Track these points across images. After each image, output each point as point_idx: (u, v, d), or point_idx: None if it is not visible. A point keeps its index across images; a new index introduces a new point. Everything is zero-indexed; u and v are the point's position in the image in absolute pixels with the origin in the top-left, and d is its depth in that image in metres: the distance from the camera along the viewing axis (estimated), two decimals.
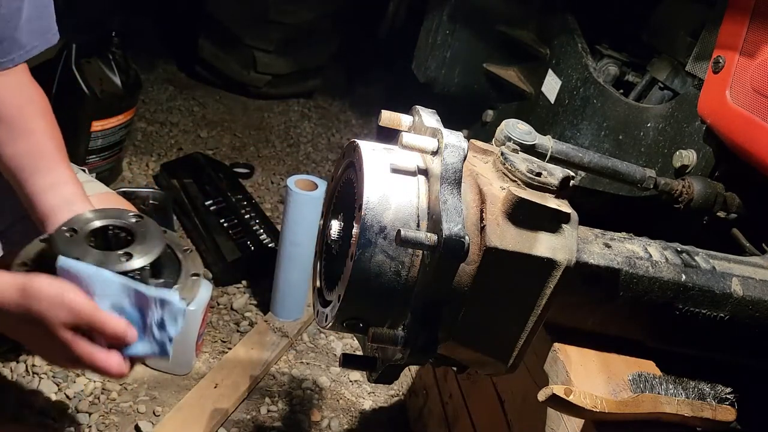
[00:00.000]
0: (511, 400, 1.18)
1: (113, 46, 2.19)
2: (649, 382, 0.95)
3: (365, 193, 0.78)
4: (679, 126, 1.39)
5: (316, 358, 1.87)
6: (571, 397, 0.86)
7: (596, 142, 1.70)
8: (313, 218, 1.76)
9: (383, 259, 0.78)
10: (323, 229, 0.97)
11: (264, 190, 2.64)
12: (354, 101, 3.51)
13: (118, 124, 2.26)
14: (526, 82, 2.19)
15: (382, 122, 0.87)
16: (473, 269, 0.80)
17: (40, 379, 1.59)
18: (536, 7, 2.17)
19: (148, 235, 1.07)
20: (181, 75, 3.38)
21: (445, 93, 2.32)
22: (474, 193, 0.83)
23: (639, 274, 0.94)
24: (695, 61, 1.40)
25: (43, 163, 1.18)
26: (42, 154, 1.19)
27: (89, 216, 1.09)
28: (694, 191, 1.19)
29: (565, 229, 0.84)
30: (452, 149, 0.79)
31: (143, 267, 1.02)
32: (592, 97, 1.76)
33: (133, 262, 1.01)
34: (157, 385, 1.65)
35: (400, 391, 1.81)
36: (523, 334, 0.86)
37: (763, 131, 1.10)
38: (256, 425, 1.63)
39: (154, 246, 1.05)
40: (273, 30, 3.10)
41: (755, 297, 0.98)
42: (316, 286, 0.94)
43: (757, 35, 1.14)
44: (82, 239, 1.03)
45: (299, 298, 1.92)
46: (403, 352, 0.80)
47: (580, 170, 1.14)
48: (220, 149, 2.83)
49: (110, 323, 0.93)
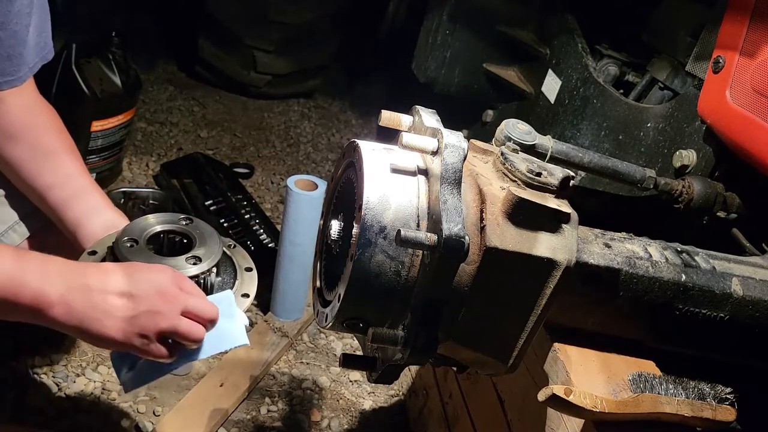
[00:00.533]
0: (511, 400, 1.18)
1: (113, 46, 2.19)
2: (649, 382, 0.95)
3: (365, 193, 0.78)
4: (679, 126, 1.39)
5: (316, 358, 1.87)
6: (571, 397, 0.86)
7: (596, 142, 1.70)
8: (313, 218, 1.76)
9: (383, 259, 0.78)
10: (323, 229, 0.97)
11: (264, 190, 2.64)
12: (354, 101, 3.51)
13: (118, 124, 2.26)
14: (526, 82, 2.19)
15: (382, 122, 0.87)
16: (473, 269, 0.80)
17: (40, 379, 1.59)
18: (536, 7, 2.17)
19: (206, 236, 1.09)
20: (181, 75, 3.38)
21: (445, 93, 2.32)
22: (474, 193, 0.83)
23: (639, 274, 0.94)
24: (695, 61, 1.40)
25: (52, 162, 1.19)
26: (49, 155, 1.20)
27: (144, 224, 1.10)
28: (694, 191, 1.19)
29: (565, 229, 0.84)
30: (452, 149, 0.79)
31: (209, 269, 1.05)
32: (592, 97, 1.76)
33: (202, 265, 1.04)
34: (157, 385, 1.65)
35: (400, 391, 1.81)
36: (523, 334, 0.86)
37: (763, 131, 1.10)
38: (256, 425, 1.63)
39: (213, 247, 1.08)
40: (273, 30, 3.10)
41: (755, 297, 0.98)
42: (316, 286, 0.94)
43: (757, 35, 1.14)
44: (143, 248, 1.04)
45: (299, 298, 1.92)
46: (403, 352, 0.80)
47: (580, 170, 1.14)
48: (220, 149, 2.83)
49: (207, 303, 0.99)
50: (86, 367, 1.65)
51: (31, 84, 1.25)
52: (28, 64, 1.21)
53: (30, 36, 1.18)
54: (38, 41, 1.22)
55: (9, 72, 1.17)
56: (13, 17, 1.12)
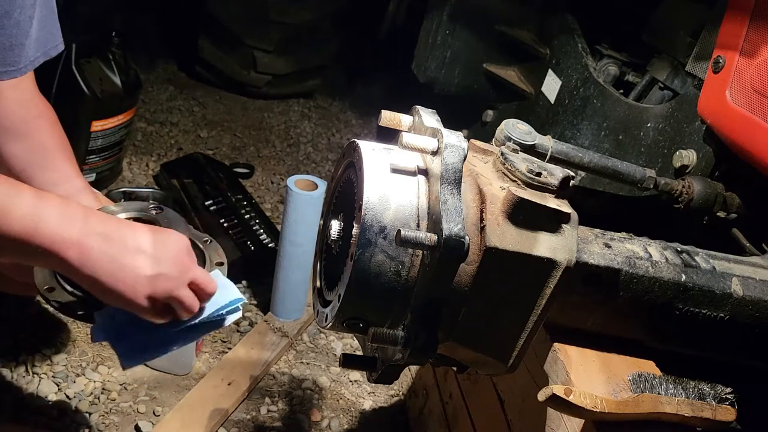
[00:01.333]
0: (511, 400, 1.18)
1: (113, 46, 2.19)
2: (649, 382, 0.95)
3: (365, 193, 0.78)
4: (679, 126, 1.39)
5: (316, 358, 1.87)
6: (571, 397, 0.86)
7: (596, 142, 1.70)
8: (313, 218, 1.76)
9: (383, 259, 0.78)
10: (323, 229, 0.97)
11: (264, 190, 2.64)
12: (354, 101, 3.51)
13: (118, 124, 2.26)
14: (526, 82, 2.19)
15: (382, 122, 0.87)
16: (473, 269, 0.80)
17: (40, 379, 1.59)
18: (536, 7, 2.17)
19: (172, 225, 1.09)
20: (181, 75, 3.38)
21: (445, 93, 2.32)
22: (474, 193, 0.83)
23: (639, 274, 0.94)
24: (695, 61, 1.40)
25: (48, 161, 1.18)
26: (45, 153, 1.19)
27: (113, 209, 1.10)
28: (694, 191, 1.19)
29: (565, 229, 0.84)
30: (452, 149, 0.79)
31: None
32: (592, 97, 1.76)
33: None
34: (157, 385, 1.65)
35: (400, 391, 1.81)
36: (523, 334, 0.86)
37: (763, 131, 1.10)
38: (256, 425, 1.63)
39: None
40: (273, 30, 3.10)
41: (755, 297, 0.98)
42: (316, 286, 0.94)
43: (757, 35, 1.14)
44: None
45: (299, 298, 1.92)
46: (403, 352, 0.80)
47: (580, 170, 1.14)
48: (220, 149, 2.83)
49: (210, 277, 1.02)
50: (86, 367, 1.65)
51: (31, 80, 1.24)
52: (30, 57, 1.20)
53: (33, 29, 1.18)
54: (40, 36, 1.22)
55: (10, 62, 1.17)
56: (17, 7, 1.12)
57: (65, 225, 0.91)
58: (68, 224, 0.91)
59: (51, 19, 1.25)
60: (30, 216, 0.89)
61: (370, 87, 3.59)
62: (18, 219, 0.88)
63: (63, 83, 2.07)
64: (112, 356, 1.70)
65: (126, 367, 1.07)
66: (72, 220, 0.92)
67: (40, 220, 0.89)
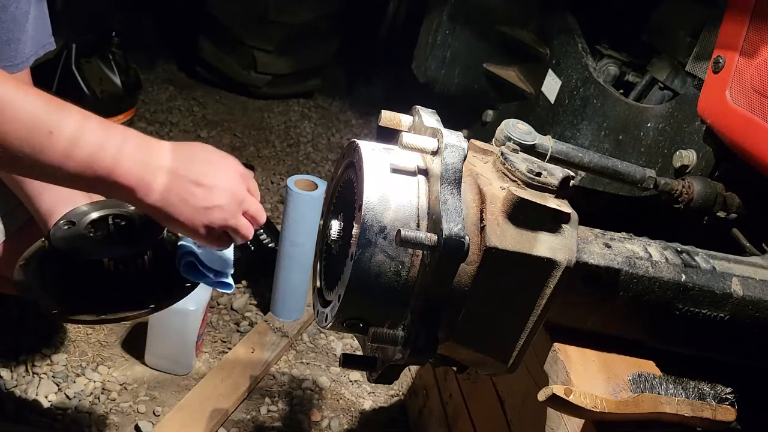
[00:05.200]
0: (511, 400, 1.18)
1: (113, 46, 2.19)
2: (649, 382, 0.95)
3: (365, 193, 0.78)
4: (679, 126, 1.39)
5: (316, 358, 1.87)
6: (571, 397, 0.86)
7: (596, 142, 1.70)
8: (313, 218, 1.76)
9: (383, 259, 0.78)
10: (323, 229, 0.97)
11: (264, 190, 2.64)
12: (354, 101, 3.51)
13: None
14: (526, 82, 2.19)
15: (382, 122, 0.87)
16: (473, 269, 0.80)
17: (40, 379, 1.59)
18: (536, 7, 2.17)
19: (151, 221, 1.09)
20: (181, 75, 3.38)
21: (445, 93, 2.31)
22: (474, 193, 0.83)
23: (639, 274, 0.94)
24: (695, 61, 1.40)
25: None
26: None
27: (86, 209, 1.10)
28: (694, 191, 1.19)
29: (565, 229, 0.84)
30: (452, 149, 0.79)
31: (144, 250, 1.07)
32: (592, 97, 1.76)
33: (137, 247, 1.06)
34: (157, 385, 1.65)
35: (400, 391, 1.81)
36: (523, 334, 0.86)
37: (763, 131, 1.10)
38: (256, 425, 1.63)
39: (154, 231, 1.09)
40: (273, 30, 3.11)
41: (755, 297, 0.98)
42: (316, 286, 0.94)
43: (757, 35, 1.14)
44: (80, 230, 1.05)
45: (299, 298, 1.92)
46: (403, 352, 0.79)
47: (580, 170, 1.14)
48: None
49: (262, 208, 1.05)
50: (86, 367, 1.65)
51: (27, 77, 1.24)
52: (26, 54, 1.20)
53: (29, 24, 1.18)
54: (34, 34, 1.22)
55: (7, 57, 1.16)
56: (13, 1, 1.12)
57: (123, 157, 0.93)
58: (125, 156, 0.94)
59: (43, 17, 1.25)
60: (102, 151, 0.92)
61: (370, 87, 3.59)
62: (86, 148, 0.91)
63: (63, 83, 2.07)
64: (112, 356, 1.70)
65: None
66: (131, 151, 0.95)
67: (100, 150, 0.92)
